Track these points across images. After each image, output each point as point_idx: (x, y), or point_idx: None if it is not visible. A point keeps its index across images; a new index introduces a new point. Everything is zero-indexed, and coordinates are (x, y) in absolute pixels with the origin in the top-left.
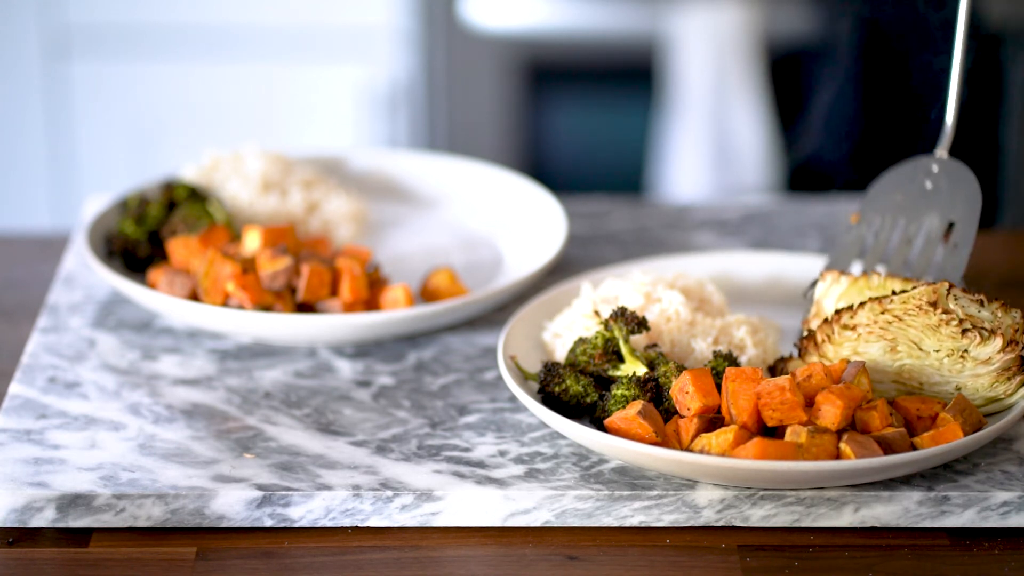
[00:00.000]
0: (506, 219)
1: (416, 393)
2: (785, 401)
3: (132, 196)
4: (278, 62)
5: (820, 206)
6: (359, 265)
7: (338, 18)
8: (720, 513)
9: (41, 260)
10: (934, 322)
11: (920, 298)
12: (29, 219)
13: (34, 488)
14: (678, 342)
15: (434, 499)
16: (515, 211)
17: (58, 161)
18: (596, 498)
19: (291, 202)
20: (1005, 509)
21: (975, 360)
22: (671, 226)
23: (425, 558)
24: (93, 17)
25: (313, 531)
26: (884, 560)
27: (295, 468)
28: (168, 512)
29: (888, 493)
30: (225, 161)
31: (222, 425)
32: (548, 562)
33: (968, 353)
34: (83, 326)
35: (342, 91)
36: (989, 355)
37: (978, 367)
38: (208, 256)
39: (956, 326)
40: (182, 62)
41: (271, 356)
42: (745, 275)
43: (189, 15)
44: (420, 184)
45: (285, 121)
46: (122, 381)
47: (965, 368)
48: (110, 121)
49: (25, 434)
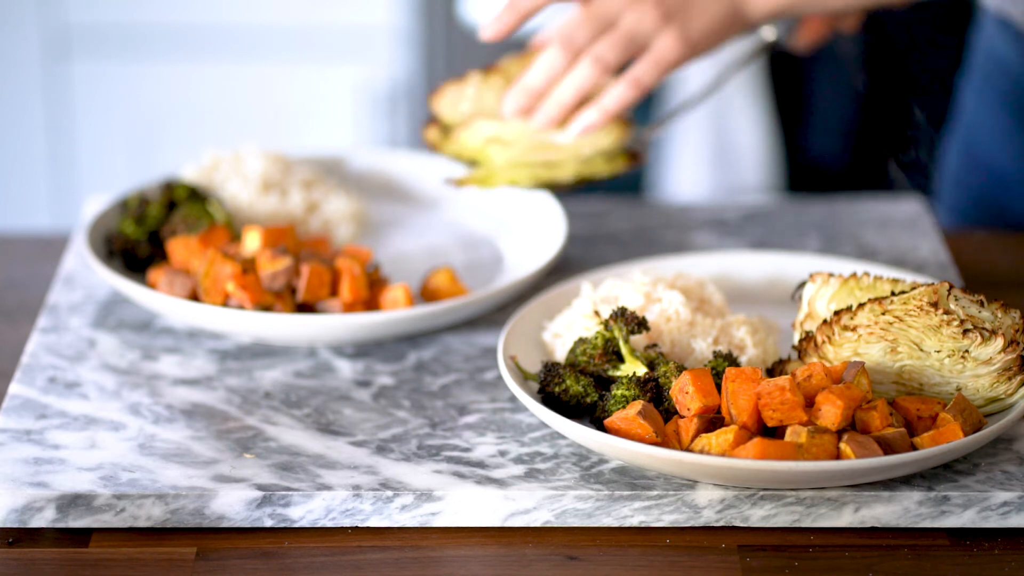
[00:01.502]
0: (506, 219)
1: (416, 393)
2: (785, 401)
3: (132, 196)
4: (278, 62)
5: (820, 206)
6: (359, 265)
7: (338, 18)
8: (720, 513)
9: (41, 260)
10: (935, 323)
11: (921, 299)
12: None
13: (34, 488)
14: (678, 342)
15: (434, 499)
16: (515, 211)
17: (58, 161)
18: (596, 498)
19: (291, 202)
20: (1005, 509)
21: (976, 360)
22: (671, 226)
23: (425, 558)
24: (93, 17)
25: (313, 531)
26: (884, 560)
27: (295, 468)
28: (168, 512)
29: (888, 493)
30: (225, 161)
31: (222, 425)
32: (548, 562)
33: (969, 353)
34: (83, 326)
35: (342, 91)
36: (990, 355)
37: (979, 367)
38: (208, 256)
39: (957, 326)
40: (182, 62)
41: (271, 356)
42: (745, 275)
43: (189, 15)
44: (420, 184)
45: (285, 121)
46: (122, 381)
47: (966, 368)
48: (110, 121)
49: (25, 434)
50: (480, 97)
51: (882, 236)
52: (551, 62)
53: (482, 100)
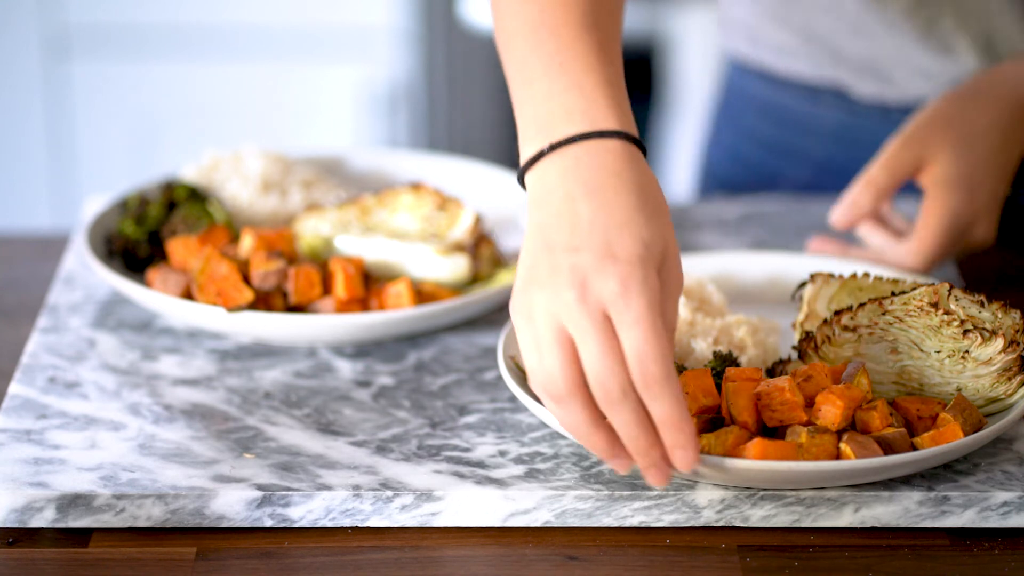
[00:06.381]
0: (506, 219)
1: (416, 393)
2: (785, 401)
3: (132, 196)
4: (278, 62)
5: (820, 206)
6: (353, 264)
7: (338, 18)
8: (720, 513)
9: (41, 260)
10: (935, 323)
11: (921, 299)
12: (29, 219)
13: (34, 488)
14: (678, 342)
15: (434, 499)
16: (515, 211)
17: (58, 161)
18: (596, 498)
19: (291, 202)
20: (1005, 509)
21: (976, 361)
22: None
23: (425, 558)
24: (93, 17)
25: (313, 531)
26: (884, 560)
27: (295, 468)
28: (168, 512)
29: (888, 493)
30: (225, 161)
31: (222, 425)
32: (548, 562)
33: (969, 354)
34: (83, 326)
35: (342, 91)
36: (990, 356)
37: (979, 368)
38: (204, 254)
39: (958, 327)
40: (182, 62)
41: (271, 356)
42: (745, 275)
43: (189, 15)
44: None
45: (285, 121)
46: (122, 381)
47: (966, 369)
48: (110, 121)
49: (25, 434)
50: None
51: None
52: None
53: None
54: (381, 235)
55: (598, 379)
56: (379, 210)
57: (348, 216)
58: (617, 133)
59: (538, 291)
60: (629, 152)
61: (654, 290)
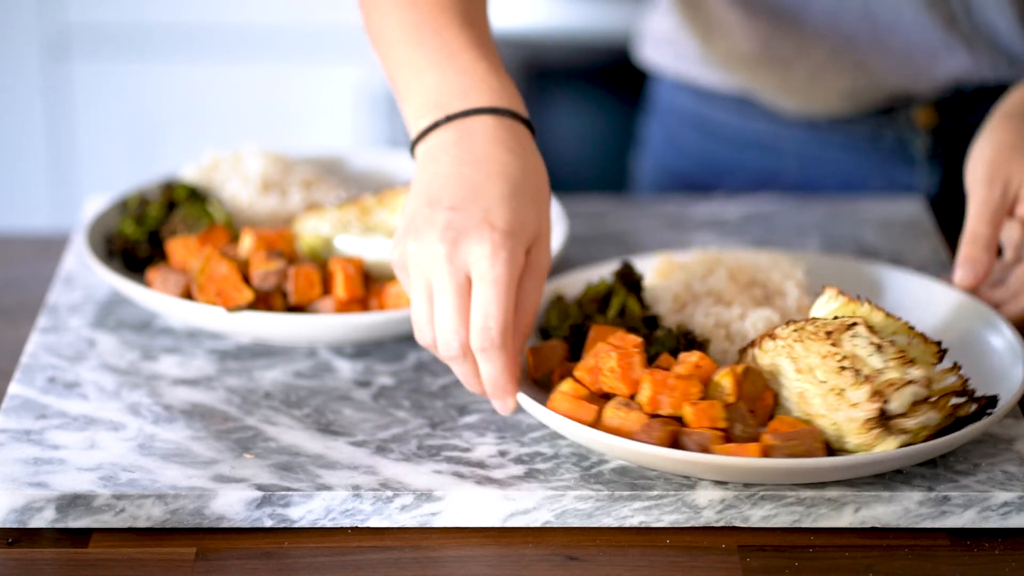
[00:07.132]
0: None
1: (416, 393)
2: (614, 370)
3: (132, 196)
4: (278, 62)
5: (820, 206)
6: (353, 264)
7: (338, 18)
8: (720, 513)
9: (41, 260)
10: (823, 352)
11: (823, 326)
12: (29, 219)
13: (34, 488)
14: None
15: (434, 499)
16: None
17: (58, 161)
18: (596, 498)
19: (291, 202)
20: (1005, 509)
21: (849, 402)
22: (671, 226)
23: (425, 558)
24: (93, 17)
25: (313, 531)
26: (884, 560)
27: (295, 468)
28: (168, 512)
29: (888, 493)
30: (225, 161)
31: (222, 425)
32: (548, 562)
33: (844, 392)
34: (83, 326)
35: (342, 91)
36: (858, 400)
37: (851, 410)
38: (204, 254)
39: (837, 361)
40: (182, 62)
41: (271, 356)
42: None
43: (189, 15)
44: None
45: (285, 121)
46: (122, 381)
47: (840, 408)
48: (110, 121)
49: (25, 434)
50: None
51: (882, 236)
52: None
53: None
54: (381, 235)
55: (443, 336)
56: (379, 210)
57: (348, 216)
58: (510, 112)
59: (413, 240)
60: (519, 131)
61: (518, 265)
